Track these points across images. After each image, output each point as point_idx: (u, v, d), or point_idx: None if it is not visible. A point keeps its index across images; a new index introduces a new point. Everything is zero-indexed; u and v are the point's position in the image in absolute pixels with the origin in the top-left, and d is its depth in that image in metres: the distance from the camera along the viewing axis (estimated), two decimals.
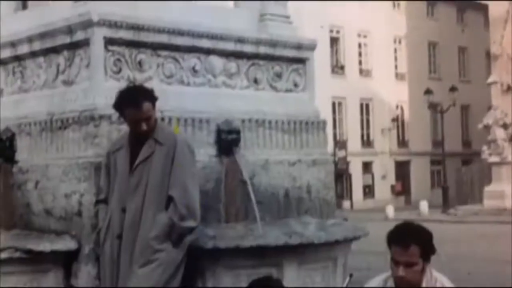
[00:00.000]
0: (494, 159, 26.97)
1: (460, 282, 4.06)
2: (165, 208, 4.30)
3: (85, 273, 4.67)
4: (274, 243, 4.53)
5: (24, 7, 6.22)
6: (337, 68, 36.05)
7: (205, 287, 4.52)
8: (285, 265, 4.62)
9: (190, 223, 4.35)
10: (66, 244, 4.66)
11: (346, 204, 33.42)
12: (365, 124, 37.38)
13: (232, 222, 4.94)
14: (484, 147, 27.52)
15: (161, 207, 4.31)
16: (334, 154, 28.63)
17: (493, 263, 12.28)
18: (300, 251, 4.68)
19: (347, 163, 34.17)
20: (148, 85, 4.63)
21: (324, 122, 5.87)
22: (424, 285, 4.00)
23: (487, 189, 26.87)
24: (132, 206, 4.34)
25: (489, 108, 28.11)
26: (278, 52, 5.68)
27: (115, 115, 4.58)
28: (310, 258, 4.79)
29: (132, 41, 4.97)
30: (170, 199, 4.32)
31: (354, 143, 35.31)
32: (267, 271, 4.16)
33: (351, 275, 3.77)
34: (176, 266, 4.30)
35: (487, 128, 27.37)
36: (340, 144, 33.56)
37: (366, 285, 4.27)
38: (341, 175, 32.53)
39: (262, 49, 5.59)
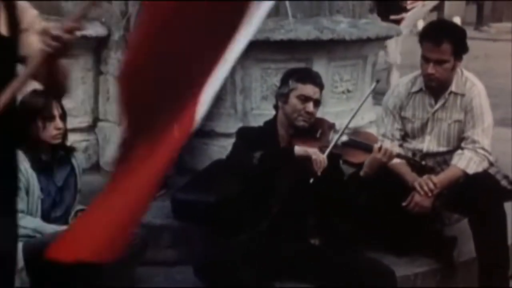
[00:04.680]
0: None
1: (489, 95, 4.03)
2: None
3: (114, 60, 4.69)
4: (305, 37, 4.48)
5: None
6: None
7: None
8: (314, 61, 4.60)
9: None
10: (96, 29, 4.64)
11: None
12: None
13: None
14: None
15: None
16: None
17: None
18: (331, 47, 4.63)
19: None
20: None
21: None
22: (454, 83, 3.98)
23: None
24: None
25: None
26: None
27: None
28: (340, 55, 4.75)
29: None
30: None
31: None
32: (296, 66, 4.14)
33: (377, 81, 3.75)
34: None
35: None
36: None
37: (394, 84, 4.27)
38: None
39: None
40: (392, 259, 3.79)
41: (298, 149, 3.36)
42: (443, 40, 3.81)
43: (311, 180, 3.29)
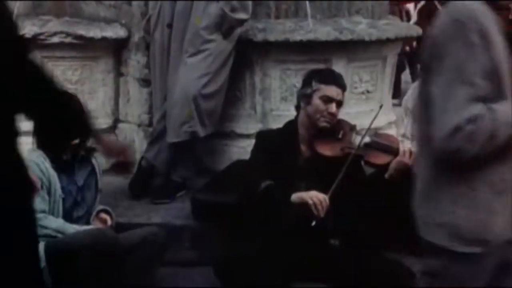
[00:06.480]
0: None
1: None
2: None
3: (134, 61, 4.72)
4: (324, 38, 4.48)
5: None
6: None
7: None
8: (334, 62, 4.59)
9: (241, 15, 4.30)
10: (116, 31, 4.67)
11: None
12: None
13: (282, 18, 4.86)
14: None
15: None
16: None
17: None
18: (350, 48, 4.63)
19: None
20: None
21: None
22: None
23: None
24: None
25: None
26: None
27: None
28: (360, 56, 4.74)
29: None
30: None
31: None
32: (316, 67, 4.13)
33: (381, 106, 3.74)
34: (226, 57, 4.30)
35: None
36: None
37: (414, 85, 4.25)
38: None
39: None
40: (412, 260, 3.77)
41: (294, 197, 3.34)
42: None
43: (313, 223, 3.28)
